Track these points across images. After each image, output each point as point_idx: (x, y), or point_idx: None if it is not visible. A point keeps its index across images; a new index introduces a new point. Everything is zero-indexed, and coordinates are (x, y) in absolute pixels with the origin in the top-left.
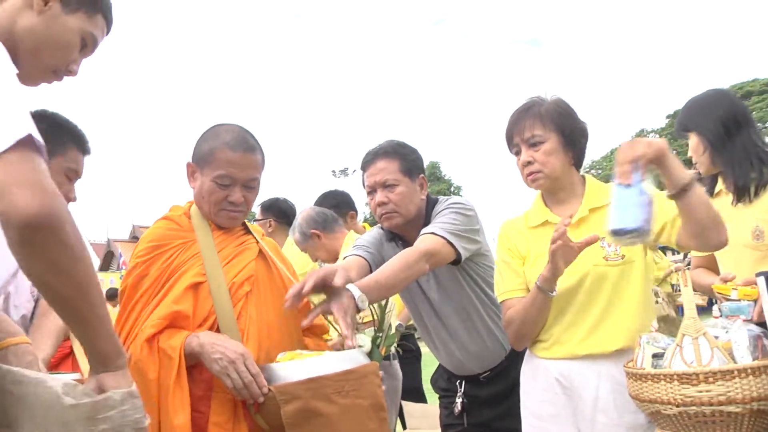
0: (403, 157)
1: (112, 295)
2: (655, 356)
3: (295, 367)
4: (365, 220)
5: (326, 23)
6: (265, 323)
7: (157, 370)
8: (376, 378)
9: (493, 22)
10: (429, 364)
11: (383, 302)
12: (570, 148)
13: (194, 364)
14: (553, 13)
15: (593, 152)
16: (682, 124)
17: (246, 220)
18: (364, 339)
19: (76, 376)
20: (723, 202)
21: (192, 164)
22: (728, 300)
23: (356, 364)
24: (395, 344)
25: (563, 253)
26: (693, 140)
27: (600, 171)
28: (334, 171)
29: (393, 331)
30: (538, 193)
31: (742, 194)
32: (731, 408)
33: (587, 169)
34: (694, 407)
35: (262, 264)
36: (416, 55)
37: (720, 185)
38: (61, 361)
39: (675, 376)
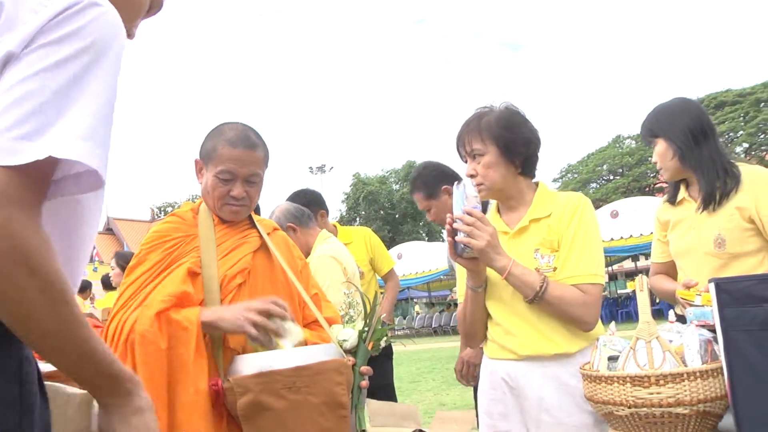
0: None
1: (84, 288)
2: (610, 359)
3: (252, 360)
4: (340, 219)
5: (305, 19)
6: None
7: (168, 340)
8: (336, 375)
9: (473, 23)
10: (401, 363)
11: (373, 295)
12: (511, 158)
13: None
14: (533, 17)
15: (569, 156)
16: (649, 129)
17: (253, 213)
18: (350, 333)
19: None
20: (686, 210)
21: (199, 161)
22: (692, 306)
23: (315, 360)
24: (385, 339)
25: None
26: (661, 146)
27: (576, 175)
28: (311, 167)
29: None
30: (495, 201)
31: (708, 202)
32: (679, 409)
33: (563, 173)
34: (645, 408)
35: (263, 257)
36: (396, 54)
37: (683, 193)
38: None
39: (628, 379)
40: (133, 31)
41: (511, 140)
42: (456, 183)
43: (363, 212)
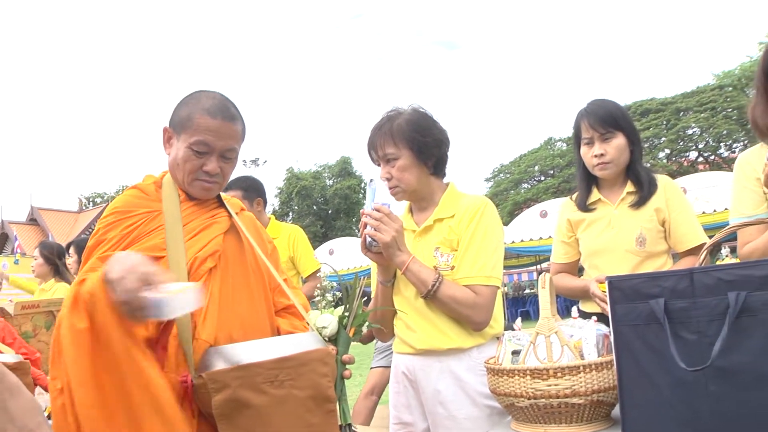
0: None
1: None
2: (514, 353)
3: (227, 352)
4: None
5: (240, 9)
6: (229, 302)
7: (87, 319)
8: (321, 366)
9: (410, 21)
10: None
11: (354, 279)
12: (424, 160)
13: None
14: (469, 18)
15: (502, 157)
16: (615, 120)
17: (222, 192)
18: (329, 319)
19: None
20: (603, 210)
21: (168, 129)
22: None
23: (299, 349)
24: (366, 324)
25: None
26: (621, 141)
27: (508, 175)
28: (244, 161)
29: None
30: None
31: (642, 202)
32: (575, 400)
33: (496, 173)
34: (543, 399)
35: (233, 239)
36: (332, 49)
37: (596, 194)
38: None
39: (528, 372)
40: None
41: (423, 143)
42: (369, 181)
43: (296, 207)
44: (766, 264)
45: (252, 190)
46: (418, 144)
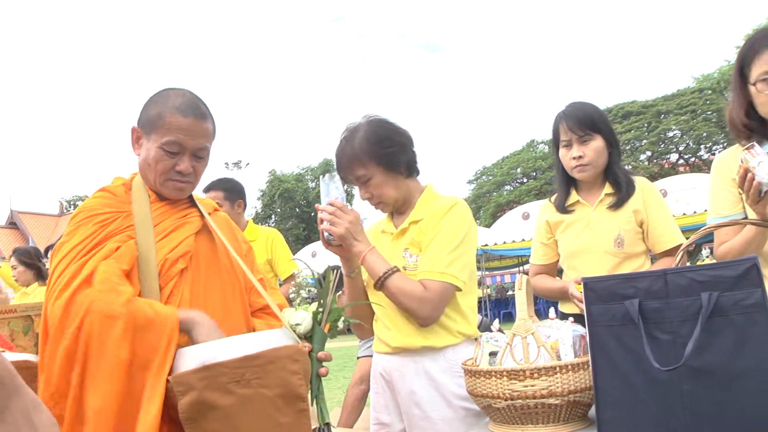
0: None
1: None
2: (492, 354)
3: (192, 352)
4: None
5: (222, 11)
6: (200, 304)
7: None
8: (290, 363)
9: (392, 24)
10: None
11: (326, 271)
12: (395, 169)
13: None
14: (452, 21)
15: (485, 159)
16: (593, 122)
17: (194, 193)
18: (303, 315)
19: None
20: (581, 211)
21: (137, 129)
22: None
23: (266, 347)
24: (342, 319)
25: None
26: (599, 143)
27: (491, 177)
28: (227, 163)
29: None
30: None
31: (620, 203)
32: (552, 400)
33: (479, 175)
34: (520, 400)
35: (205, 240)
36: (314, 51)
37: (575, 196)
38: None
39: (504, 373)
40: None
41: (389, 154)
42: (321, 176)
43: (279, 209)
44: (738, 264)
45: (233, 191)
46: (383, 157)
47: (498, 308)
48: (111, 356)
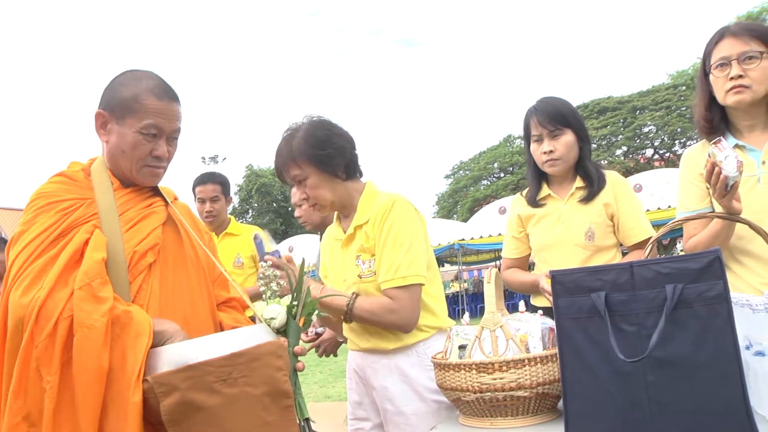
0: None
1: None
2: (461, 347)
3: (173, 351)
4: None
5: (197, 5)
6: (169, 299)
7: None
8: (275, 359)
9: (368, 19)
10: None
11: (300, 263)
12: (332, 171)
13: None
14: (428, 16)
15: (462, 154)
16: (563, 116)
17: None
18: (277, 309)
19: None
20: (552, 205)
21: (104, 113)
22: None
23: (250, 343)
24: (317, 313)
25: None
26: (570, 137)
27: (468, 171)
28: (203, 158)
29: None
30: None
31: (591, 197)
32: (520, 393)
33: (456, 169)
34: (489, 393)
35: (171, 231)
36: (290, 45)
37: (546, 189)
38: None
39: (473, 366)
40: None
41: (325, 156)
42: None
43: (256, 204)
44: (702, 257)
45: (227, 186)
46: (319, 159)
47: (475, 302)
48: (90, 366)
